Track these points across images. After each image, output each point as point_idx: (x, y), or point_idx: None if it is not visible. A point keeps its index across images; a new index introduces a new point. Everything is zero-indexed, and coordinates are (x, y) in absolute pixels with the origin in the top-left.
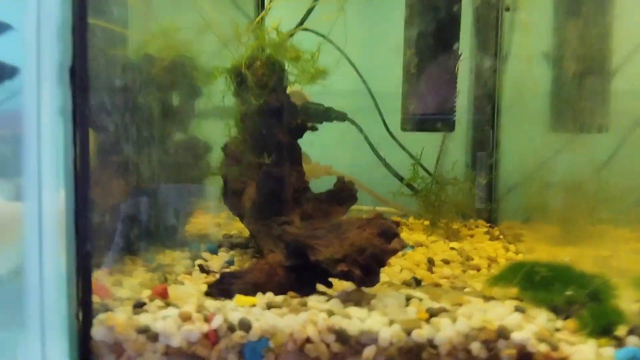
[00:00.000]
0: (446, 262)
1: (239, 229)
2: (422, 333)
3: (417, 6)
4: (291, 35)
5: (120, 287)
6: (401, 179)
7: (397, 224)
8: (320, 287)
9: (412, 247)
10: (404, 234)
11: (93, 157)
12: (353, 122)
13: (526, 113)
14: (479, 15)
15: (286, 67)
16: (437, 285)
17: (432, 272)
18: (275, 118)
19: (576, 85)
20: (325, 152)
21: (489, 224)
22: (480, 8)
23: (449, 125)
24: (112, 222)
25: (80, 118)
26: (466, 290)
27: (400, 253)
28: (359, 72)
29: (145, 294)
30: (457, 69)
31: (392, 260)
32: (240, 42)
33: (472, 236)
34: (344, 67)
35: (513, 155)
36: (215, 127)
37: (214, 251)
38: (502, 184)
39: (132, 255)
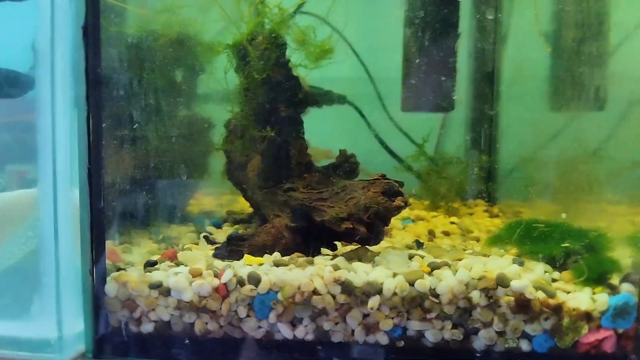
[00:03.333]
0: (446, 233)
1: (241, 208)
2: (424, 283)
3: None
4: (294, 11)
5: (130, 254)
6: (401, 160)
7: (401, 183)
8: (325, 251)
9: (413, 220)
10: (404, 212)
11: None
12: (352, 105)
13: (526, 93)
14: None
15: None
16: (439, 247)
17: (432, 243)
18: (278, 91)
19: (575, 66)
20: (323, 138)
21: (488, 203)
22: None
23: (448, 106)
24: (118, 194)
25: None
26: (467, 251)
27: (401, 226)
28: (357, 54)
29: (154, 259)
30: (457, 49)
31: (394, 232)
32: (243, 19)
33: (471, 214)
34: (342, 52)
35: (513, 135)
36: (216, 105)
37: (218, 226)
38: (502, 164)
39: (137, 229)
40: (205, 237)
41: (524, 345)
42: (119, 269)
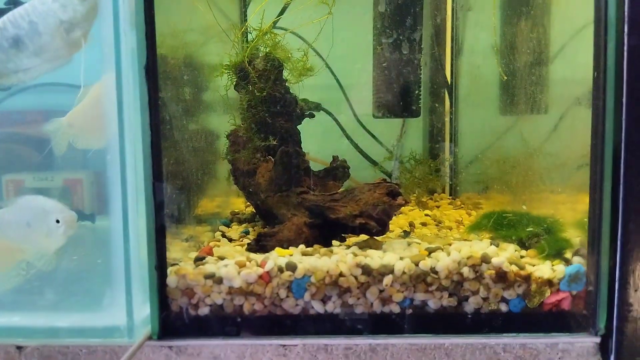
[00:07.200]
0: (424, 224)
1: (239, 208)
2: (426, 263)
3: (384, 9)
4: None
5: (169, 252)
6: (372, 160)
7: (399, 185)
8: (335, 242)
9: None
10: None
11: None
12: (327, 111)
13: (479, 100)
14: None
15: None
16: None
17: (414, 232)
18: (278, 107)
19: (521, 74)
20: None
21: (450, 196)
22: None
23: (416, 112)
24: None
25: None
26: (451, 237)
27: None
28: (329, 66)
29: (192, 255)
30: (421, 62)
31: None
32: (235, 41)
33: (438, 207)
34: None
35: (469, 137)
36: (216, 118)
37: (227, 225)
38: (462, 162)
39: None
40: (223, 235)
41: (503, 307)
42: (172, 264)
